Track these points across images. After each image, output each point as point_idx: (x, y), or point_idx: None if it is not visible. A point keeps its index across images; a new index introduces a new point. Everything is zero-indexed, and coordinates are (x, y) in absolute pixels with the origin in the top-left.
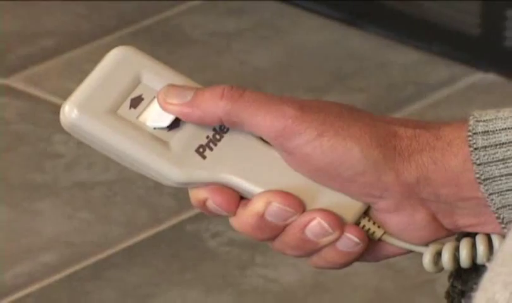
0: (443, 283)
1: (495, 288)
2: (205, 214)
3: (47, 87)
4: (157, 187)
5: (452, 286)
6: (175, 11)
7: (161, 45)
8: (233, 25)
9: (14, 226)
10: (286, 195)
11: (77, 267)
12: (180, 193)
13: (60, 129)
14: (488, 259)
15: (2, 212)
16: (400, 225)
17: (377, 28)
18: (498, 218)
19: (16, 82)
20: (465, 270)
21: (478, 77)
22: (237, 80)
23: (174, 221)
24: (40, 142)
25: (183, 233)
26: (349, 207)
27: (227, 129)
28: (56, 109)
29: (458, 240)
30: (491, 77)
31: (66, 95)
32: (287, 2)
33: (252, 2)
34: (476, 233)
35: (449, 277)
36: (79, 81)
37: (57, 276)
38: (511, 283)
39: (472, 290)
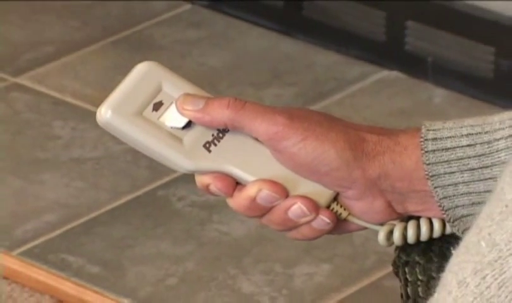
0: (359, 234)
1: (465, 273)
2: (172, 182)
3: (48, 84)
4: (134, 161)
5: (398, 257)
6: (148, 24)
7: (137, 51)
8: (193, 35)
9: (23, 193)
10: (273, 183)
11: (73, 224)
12: (153, 166)
13: (59, 116)
14: (430, 237)
15: (13, 182)
16: (362, 209)
17: (304, 36)
18: (440, 206)
19: (23, 80)
20: (409, 245)
21: (384, 74)
22: (197, 78)
23: (148, 188)
24: (43, 127)
25: (155, 197)
26: (323, 194)
27: (228, 130)
28: (55, 101)
29: (406, 221)
30: (394, 74)
31: (63, 90)
32: (235, 17)
33: (207, 17)
34: (420, 217)
35: (395, 250)
36: (74, 79)
37: (57, 232)
38: (480, 271)
39: (414, 261)
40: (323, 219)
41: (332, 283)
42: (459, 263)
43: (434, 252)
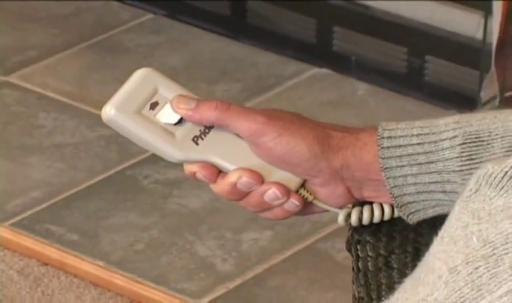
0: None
1: (456, 262)
2: (139, 163)
3: (33, 82)
4: (107, 146)
5: (352, 236)
6: (117, 31)
7: (108, 54)
8: (155, 40)
9: (13, 174)
10: (251, 172)
11: (55, 199)
12: (123, 149)
13: (43, 109)
14: (381, 220)
15: (4, 164)
16: (326, 194)
17: (248, 39)
18: (390, 193)
19: (12, 79)
20: (362, 226)
21: (315, 71)
22: None
23: (118, 168)
24: (30, 118)
25: (125, 176)
26: (293, 181)
27: (213, 126)
28: (40, 96)
29: (360, 206)
30: (324, 71)
31: (46, 87)
32: (190, 24)
33: (167, 25)
34: (373, 202)
35: (348, 230)
36: (55, 77)
37: (42, 206)
38: (473, 262)
39: (365, 240)
40: (294, 202)
41: (273, 247)
42: (446, 252)
43: (382, 232)
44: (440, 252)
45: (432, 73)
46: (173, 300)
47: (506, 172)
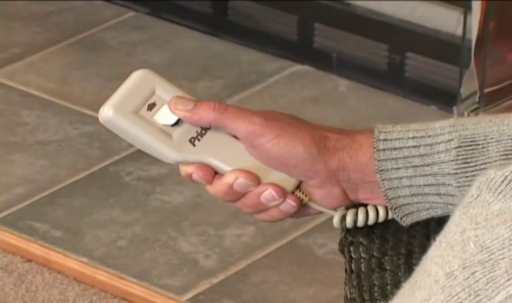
0: None
1: (452, 267)
2: (122, 160)
3: (17, 80)
4: (89, 143)
5: (345, 237)
6: (99, 29)
7: (90, 51)
8: (137, 37)
9: None
10: (248, 173)
11: (39, 196)
12: (105, 146)
13: (26, 106)
14: (375, 222)
15: None
16: (322, 195)
17: (230, 37)
18: (385, 195)
19: None
20: (356, 227)
21: (297, 68)
22: None
23: (101, 165)
24: (13, 115)
25: (108, 173)
26: (289, 182)
27: (210, 128)
28: (23, 93)
29: (355, 208)
30: (305, 68)
31: (29, 85)
32: (172, 22)
33: (149, 22)
34: (367, 204)
35: (341, 231)
36: (38, 75)
37: (26, 203)
38: (469, 267)
39: (359, 241)
40: (290, 203)
41: (256, 242)
42: (443, 256)
43: (376, 234)
44: (437, 257)
45: (413, 69)
46: (156, 295)
47: (506, 177)
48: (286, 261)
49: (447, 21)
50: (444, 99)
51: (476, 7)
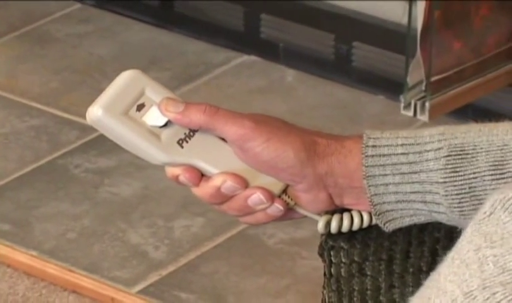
0: None
1: (471, 287)
2: (69, 152)
3: None
4: (37, 136)
5: (325, 241)
6: (45, 21)
7: (37, 44)
8: (83, 29)
9: None
10: (236, 176)
11: None
12: (53, 139)
13: None
14: (360, 228)
15: None
16: (308, 199)
17: (177, 28)
18: (370, 201)
19: None
20: (340, 233)
21: (244, 58)
22: (88, 66)
23: (49, 158)
24: None
25: (56, 166)
26: (276, 185)
27: (198, 130)
28: None
29: (340, 212)
30: (252, 58)
31: None
32: (119, 14)
33: (95, 14)
34: (351, 210)
35: (321, 235)
36: None
37: None
38: (490, 287)
39: (339, 246)
40: (277, 207)
41: (205, 233)
42: (458, 275)
43: (357, 239)
44: (452, 275)
45: (360, 59)
46: (106, 288)
47: None
48: (236, 251)
49: (393, 10)
50: (392, 88)
51: None
